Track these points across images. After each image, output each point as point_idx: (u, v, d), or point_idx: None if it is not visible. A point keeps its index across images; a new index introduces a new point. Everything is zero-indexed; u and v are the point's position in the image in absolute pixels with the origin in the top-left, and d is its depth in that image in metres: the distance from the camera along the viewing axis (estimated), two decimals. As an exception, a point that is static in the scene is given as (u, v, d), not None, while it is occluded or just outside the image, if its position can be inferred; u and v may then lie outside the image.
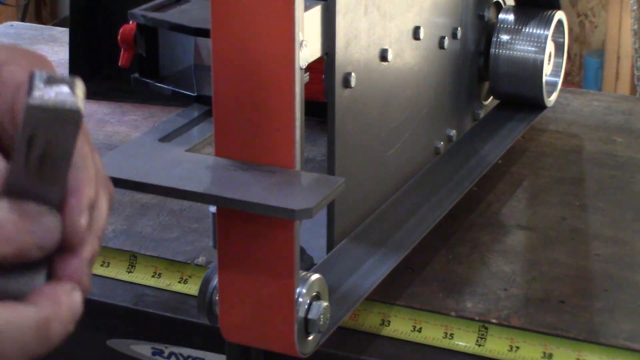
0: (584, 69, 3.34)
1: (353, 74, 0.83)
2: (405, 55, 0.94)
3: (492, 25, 1.16)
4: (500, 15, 1.17)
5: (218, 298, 0.76)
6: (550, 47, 1.17)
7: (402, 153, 0.96)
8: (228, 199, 0.69)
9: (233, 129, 0.74)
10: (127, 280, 0.94)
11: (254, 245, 0.73)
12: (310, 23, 0.77)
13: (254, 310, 0.75)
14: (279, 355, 0.77)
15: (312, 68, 0.76)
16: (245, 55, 0.73)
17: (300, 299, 0.73)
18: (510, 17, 1.16)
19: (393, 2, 0.90)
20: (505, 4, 1.18)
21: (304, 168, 0.75)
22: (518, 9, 1.17)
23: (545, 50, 1.15)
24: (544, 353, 0.83)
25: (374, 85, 0.88)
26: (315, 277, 0.75)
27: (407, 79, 0.95)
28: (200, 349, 0.89)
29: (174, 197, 0.78)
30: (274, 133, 0.71)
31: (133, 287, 0.94)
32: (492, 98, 1.19)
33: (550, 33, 1.15)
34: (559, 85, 1.22)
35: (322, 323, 0.74)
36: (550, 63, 1.19)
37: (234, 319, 0.76)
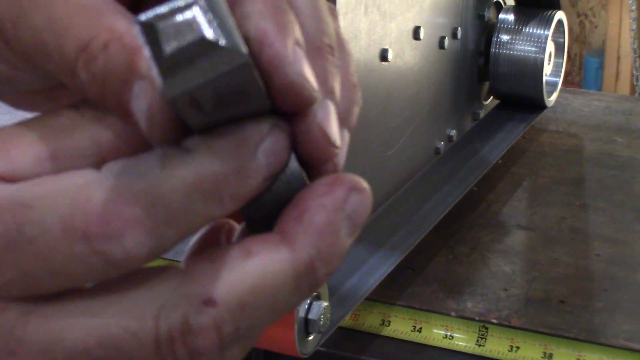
0: (584, 69, 3.34)
1: (353, 74, 0.83)
2: (405, 55, 0.94)
3: (492, 25, 1.16)
4: (500, 15, 1.17)
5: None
6: (550, 47, 1.17)
7: (402, 153, 0.96)
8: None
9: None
10: (127, 280, 0.94)
11: (254, 245, 0.73)
12: (310, 23, 0.77)
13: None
14: (279, 355, 0.76)
15: (312, 68, 0.76)
16: (245, 55, 0.73)
17: (300, 299, 0.73)
18: (511, 17, 1.16)
19: (393, 2, 0.90)
20: (505, 4, 1.18)
21: (304, 168, 0.75)
22: (518, 9, 1.17)
23: (546, 50, 1.15)
24: (544, 353, 0.83)
25: (374, 85, 0.88)
26: (315, 277, 0.75)
27: (407, 79, 0.95)
28: (200, 349, 0.89)
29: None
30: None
31: (133, 287, 0.93)
32: (492, 98, 1.19)
33: (550, 33, 1.15)
34: (559, 85, 1.22)
35: (322, 323, 0.74)
36: (550, 63, 1.19)
37: (234, 319, 0.75)
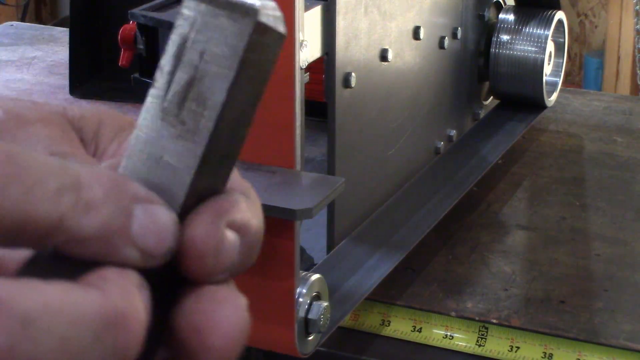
0: (584, 69, 3.34)
1: (353, 74, 0.83)
2: (405, 55, 0.94)
3: (492, 25, 1.16)
4: (500, 15, 1.17)
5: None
6: (550, 47, 1.17)
7: (402, 153, 0.96)
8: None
9: (233, 129, 0.74)
10: (127, 280, 0.94)
11: (254, 245, 0.73)
12: (310, 23, 0.77)
13: (254, 311, 0.74)
14: (279, 355, 0.77)
15: (312, 68, 0.76)
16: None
17: (301, 299, 0.73)
18: (511, 17, 1.16)
19: (393, 2, 0.90)
20: (505, 4, 1.18)
21: (304, 168, 0.75)
22: (518, 9, 1.17)
23: (546, 50, 1.15)
24: (544, 353, 0.83)
25: (374, 85, 0.88)
26: (316, 277, 0.75)
27: (407, 79, 0.95)
28: (200, 349, 0.89)
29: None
30: (274, 133, 0.71)
31: (133, 287, 0.93)
32: (492, 98, 1.19)
33: (550, 33, 1.15)
34: (559, 85, 1.22)
35: (322, 323, 0.74)
36: (550, 63, 1.19)
37: (234, 319, 0.75)
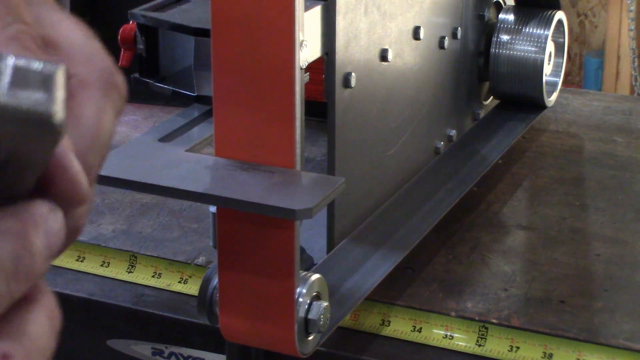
0: (584, 69, 3.34)
1: (353, 74, 0.83)
2: (405, 55, 0.94)
3: (492, 25, 1.16)
4: (500, 15, 1.17)
5: (218, 298, 0.76)
6: (550, 47, 1.17)
7: (402, 153, 0.96)
8: (228, 199, 0.69)
9: (233, 129, 0.74)
10: (127, 280, 0.94)
11: (254, 245, 0.73)
12: (310, 23, 0.77)
13: (254, 310, 0.74)
14: (279, 355, 0.77)
15: (312, 68, 0.76)
16: (245, 55, 0.73)
17: (301, 299, 0.73)
18: (510, 17, 1.16)
19: (393, 2, 0.90)
20: (505, 4, 1.18)
21: (304, 168, 0.75)
22: (518, 9, 1.17)
23: (545, 50, 1.15)
24: (544, 353, 0.83)
25: (374, 85, 0.88)
26: (315, 277, 0.75)
27: (407, 79, 0.95)
28: (200, 349, 0.89)
29: (174, 197, 0.78)
30: (274, 133, 0.71)
31: (133, 287, 0.93)
32: (492, 98, 1.19)
33: (550, 33, 1.15)
34: (559, 85, 1.22)
35: (322, 323, 0.74)
36: (550, 63, 1.19)
37: (234, 319, 0.76)
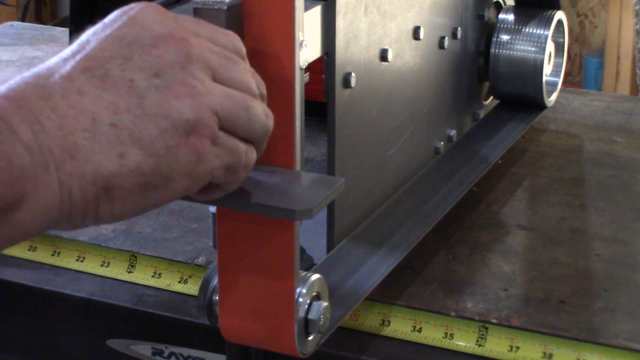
0: (584, 69, 3.34)
1: (353, 74, 0.83)
2: (405, 55, 0.94)
3: (492, 25, 1.16)
4: (500, 15, 1.17)
5: (218, 298, 0.76)
6: (550, 47, 1.17)
7: (402, 153, 0.96)
8: (228, 199, 0.69)
9: (233, 129, 0.74)
10: (127, 280, 0.94)
11: (254, 246, 0.73)
12: (310, 23, 0.77)
13: (254, 311, 0.74)
14: (279, 355, 0.77)
15: (312, 68, 0.76)
16: (245, 55, 0.73)
17: (300, 299, 0.73)
18: (510, 17, 1.16)
19: (393, 2, 0.90)
20: (505, 4, 1.18)
21: (304, 168, 0.75)
22: (518, 9, 1.17)
23: (545, 50, 1.15)
24: (544, 353, 0.83)
25: (374, 85, 0.88)
26: (315, 277, 0.75)
27: (407, 79, 0.95)
28: (200, 349, 0.89)
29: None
30: (274, 133, 0.71)
31: (133, 287, 0.93)
32: (492, 98, 1.19)
33: (550, 33, 1.15)
34: (559, 85, 1.22)
35: (322, 323, 0.74)
36: (550, 63, 1.19)
37: (234, 319, 0.76)
